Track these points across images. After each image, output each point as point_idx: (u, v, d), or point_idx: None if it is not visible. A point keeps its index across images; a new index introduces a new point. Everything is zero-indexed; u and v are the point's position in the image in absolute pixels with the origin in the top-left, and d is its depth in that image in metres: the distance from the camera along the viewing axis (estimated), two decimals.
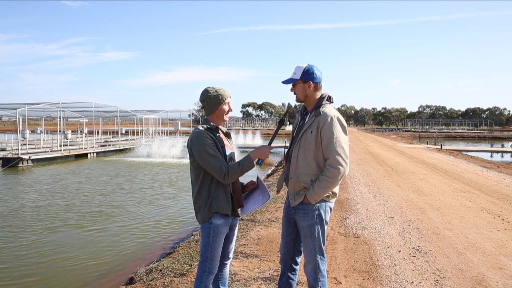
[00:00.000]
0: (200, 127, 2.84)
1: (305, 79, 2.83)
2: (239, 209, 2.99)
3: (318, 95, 2.90)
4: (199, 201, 2.83)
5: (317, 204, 2.80)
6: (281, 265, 3.10)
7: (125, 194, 12.37)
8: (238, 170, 2.77)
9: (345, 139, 2.77)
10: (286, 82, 2.92)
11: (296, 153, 2.84)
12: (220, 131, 2.94)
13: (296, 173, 2.83)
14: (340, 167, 2.69)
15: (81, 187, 13.62)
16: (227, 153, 2.87)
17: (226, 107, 2.90)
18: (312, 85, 2.84)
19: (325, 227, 2.87)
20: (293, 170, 2.85)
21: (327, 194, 2.79)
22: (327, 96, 2.88)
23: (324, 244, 2.87)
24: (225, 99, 2.88)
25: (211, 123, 2.88)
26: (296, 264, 3.06)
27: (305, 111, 2.97)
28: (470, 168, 14.97)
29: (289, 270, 3.04)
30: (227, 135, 3.04)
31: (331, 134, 2.72)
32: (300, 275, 3.83)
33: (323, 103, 2.84)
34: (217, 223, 2.80)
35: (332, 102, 2.91)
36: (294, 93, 2.92)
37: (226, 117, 2.93)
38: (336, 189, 2.86)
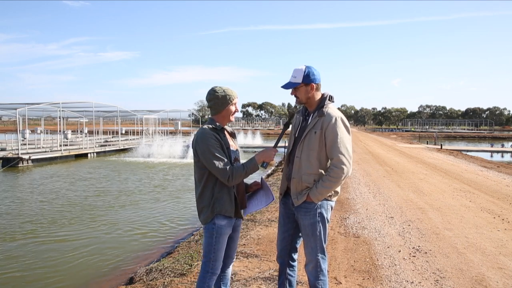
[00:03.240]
0: (206, 127, 2.80)
1: (307, 82, 2.81)
2: (244, 209, 2.98)
3: (319, 95, 2.90)
4: (202, 201, 2.81)
5: (319, 203, 2.80)
6: (278, 262, 3.11)
7: (124, 194, 12.35)
8: (243, 173, 2.74)
9: (348, 140, 2.78)
10: (287, 86, 2.88)
11: (299, 154, 2.84)
12: (225, 131, 2.91)
13: (299, 173, 2.82)
14: (344, 167, 2.70)
15: (81, 187, 13.62)
16: (232, 154, 2.85)
17: (233, 108, 2.87)
18: (314, 87, 2.84)
19: (327, 225, 2.87)
20: (296, 170, 2.85)
21: (327, 194, 2.80)
22: (328, 96, 2.88)
23: (325, 243, 2.87)
24: (233, 99, 2.85)
25: (217, 123, 2.84)
26: (293, 260, 3.06)
27: (306, 112, 2.97)
28: (470, 168, 14.97)
29: (287, 267, 3.05)
30: (232, 135, 3.01)
31: (335, 135, 2.72)
32: (300, 274, 3.84)
33: (325, 103, 2.85)
34: (220, 223, 2.77)
35: (334, 102, 2.91)
36: (295, 96, 2.90)
37: (232, 118, 2.90)
38: (338, 188, 2.86)
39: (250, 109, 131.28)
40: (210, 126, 2.81)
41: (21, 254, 6.84)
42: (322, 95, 2.90)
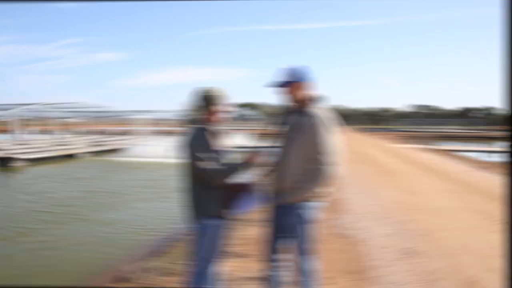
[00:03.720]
0: (196, 127, 2.81)
1: (296, 81, 2.81)
2: (232, 210, 2.96)
3: (308, 95, 2.88)
4: (190, 202, 2.83)
5: (302, 203, 2.80)
6: (265, 262, 3.10)
7: (116, 194, 12.29)
8: (230, 173, 2.77)
9: (334, 140, 2.77)
10: (275, 85, 2.87)
11: (285, 153, 2.83)
12: (215, 132, 2.91)
13: (283, 173, 2.82)
14: (328, 168, 2.70)
15: (73, 187, 13.54)
16: (222, 154, 2.84)
17: (223, 108, 2.88)
18: (303, 86, 2.83)
19: (310, 226, 2.86)
20: (281, 170, 2.84)
21: (311, 194, 2.79)
22: (317, 95, 2.88)
23: (309, 244, 2.87)
24: (223, 99, 2.86)
25: (207, 123, 2.85)
26: (280, 260, 3.06)
27: (293, 112, 2.94)
28: (464, 168, 15.01)
29: (273, 267, 3.05)
30: (223, 135, 3.01)
31: (319, 135, 2.72)
32: (291, 274, 3.79)
33: (314, 103, 2.84)
34: (209, 224, 2.79)
35: (322, 102, 2.90)
36: (284, 95, 2.89)
37: (222, 118, 2.91)
38: (323, 189, 2.84)
39: (244, 109, 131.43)
40: (200, 126, 2.82)
41: (13, 253, 6.80)
42: (311, 95, 2.88)
